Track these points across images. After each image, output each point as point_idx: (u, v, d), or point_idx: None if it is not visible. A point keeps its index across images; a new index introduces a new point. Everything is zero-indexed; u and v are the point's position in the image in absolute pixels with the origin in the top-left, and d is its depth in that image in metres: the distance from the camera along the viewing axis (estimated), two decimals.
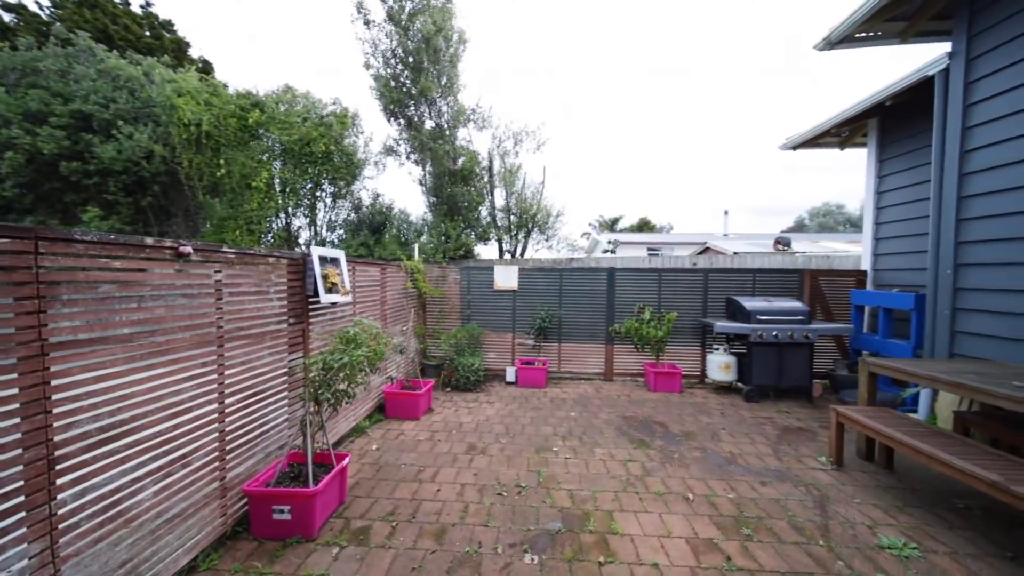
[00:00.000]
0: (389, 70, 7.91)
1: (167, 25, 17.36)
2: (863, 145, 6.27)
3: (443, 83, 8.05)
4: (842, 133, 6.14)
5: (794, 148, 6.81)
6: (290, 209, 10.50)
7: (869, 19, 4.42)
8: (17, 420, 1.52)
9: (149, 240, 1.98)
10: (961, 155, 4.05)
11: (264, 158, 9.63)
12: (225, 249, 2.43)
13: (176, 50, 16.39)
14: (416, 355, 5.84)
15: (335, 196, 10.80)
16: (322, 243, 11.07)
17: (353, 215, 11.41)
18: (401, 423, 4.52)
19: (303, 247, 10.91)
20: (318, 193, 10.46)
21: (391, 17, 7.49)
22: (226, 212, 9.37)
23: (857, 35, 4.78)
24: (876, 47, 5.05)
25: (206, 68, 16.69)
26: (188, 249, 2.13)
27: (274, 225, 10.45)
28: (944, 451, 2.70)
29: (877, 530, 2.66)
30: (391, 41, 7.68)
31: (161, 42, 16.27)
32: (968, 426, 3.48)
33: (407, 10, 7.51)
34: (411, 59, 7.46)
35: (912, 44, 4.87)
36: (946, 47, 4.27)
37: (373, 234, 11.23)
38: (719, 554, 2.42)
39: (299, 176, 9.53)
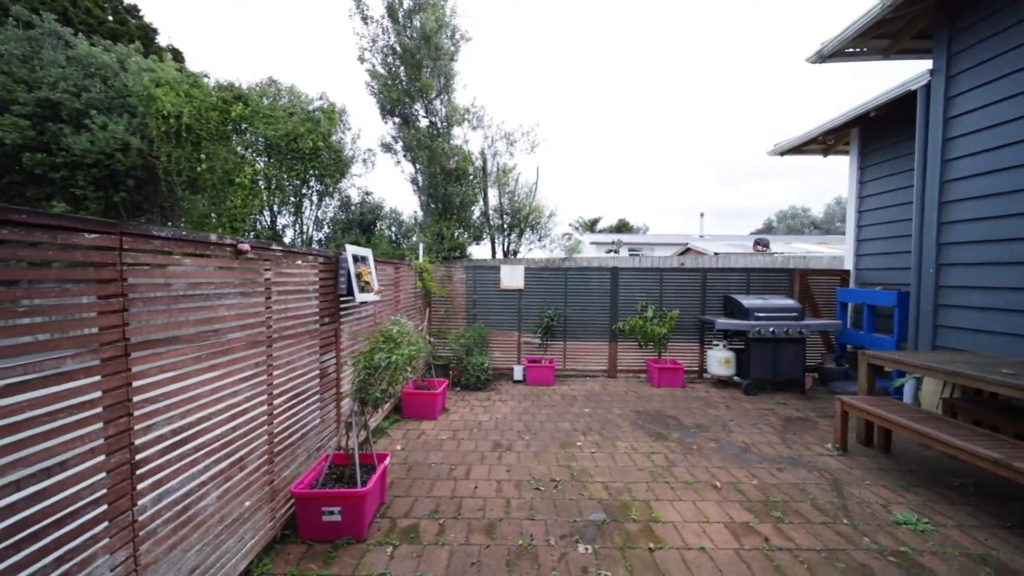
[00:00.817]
0: (387, 67, 7.79)
1: (132, 10, 16.39)
2: (845, 152, 6.69)
3: (441, 82, 8.00)
4: (827, 141, 6.54)
5: (781, 154, 7.20)
6: (275, 207, 10.17)
7: (859, 36, 4.76)
8: (101, 424, 1.46)
9: (212, 237, 1.93)
10: (942, 164, 4.41)
11: (248, 153, 9.27)
12: (274, 247, 2.38)
13: (143, 37, 15.47)
14: (425, 355, 5.80)
15: (321, 194, 10.53)
16: (308, 242, 10.75)
17: (341, 213, 11.15)
18: (420, 423, 4.50)
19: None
20: (304, 191, 10.17)
21: (391, 13, 7.38)
22: (207, 209, 8.96)
23: (847, 50, 5.12)
24: (862, 62, 5.44)
25: (176, 57, 15.83)
26: (247, 247, 2.08)
27: (258, 223, 10.09)
28: (947, 433, 2.96)
29: (891, 508, 2.89)
30: (389, 37, 7.57)
31: (126, 27, 15.33)
32: (955, 410, 3.82)
33: (406, 6, 7.42)
34: (410, 56, 7.38)
35: (895, 60, 5.28)
36: (925, 64, 4.65)
37: (363, 233, 11.01)
38: (757, 536, 2.58)
39: (285, 173, 9.24)
